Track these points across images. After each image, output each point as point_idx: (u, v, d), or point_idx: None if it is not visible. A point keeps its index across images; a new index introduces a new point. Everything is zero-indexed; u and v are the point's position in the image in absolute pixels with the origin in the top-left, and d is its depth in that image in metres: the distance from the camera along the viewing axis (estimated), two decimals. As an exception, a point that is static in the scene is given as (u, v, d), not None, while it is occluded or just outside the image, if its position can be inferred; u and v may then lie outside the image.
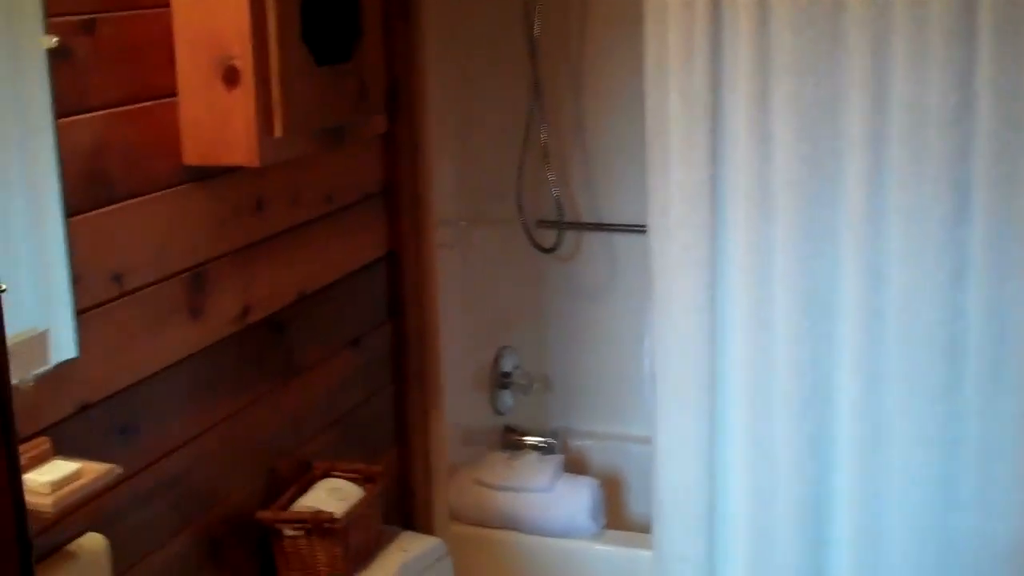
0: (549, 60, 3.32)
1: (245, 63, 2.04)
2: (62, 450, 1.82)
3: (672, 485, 2.74)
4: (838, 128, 2.47)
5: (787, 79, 2.47)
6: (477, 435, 3.36)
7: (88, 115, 1.89)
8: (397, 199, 2.88)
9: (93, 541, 1.90)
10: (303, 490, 2.46)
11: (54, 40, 1.76)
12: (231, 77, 2.05)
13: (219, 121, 2.08)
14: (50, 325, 1.80)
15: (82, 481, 1.73)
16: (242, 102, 2.06)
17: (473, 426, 3.34)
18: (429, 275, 2.98)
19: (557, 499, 3.04)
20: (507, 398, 3.46)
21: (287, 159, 2.22)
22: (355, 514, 2.39)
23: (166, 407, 2.11)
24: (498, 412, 3.45)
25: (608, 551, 3.00)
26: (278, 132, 2.10)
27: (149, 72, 2.03)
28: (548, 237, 3.40)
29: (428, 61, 2.86)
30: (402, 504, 3.02)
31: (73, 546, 1.87)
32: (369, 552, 2.47)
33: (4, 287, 0.83)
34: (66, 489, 1.70)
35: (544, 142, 3.32)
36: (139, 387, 2.04)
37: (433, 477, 3.07)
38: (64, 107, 1.81)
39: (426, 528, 3.03)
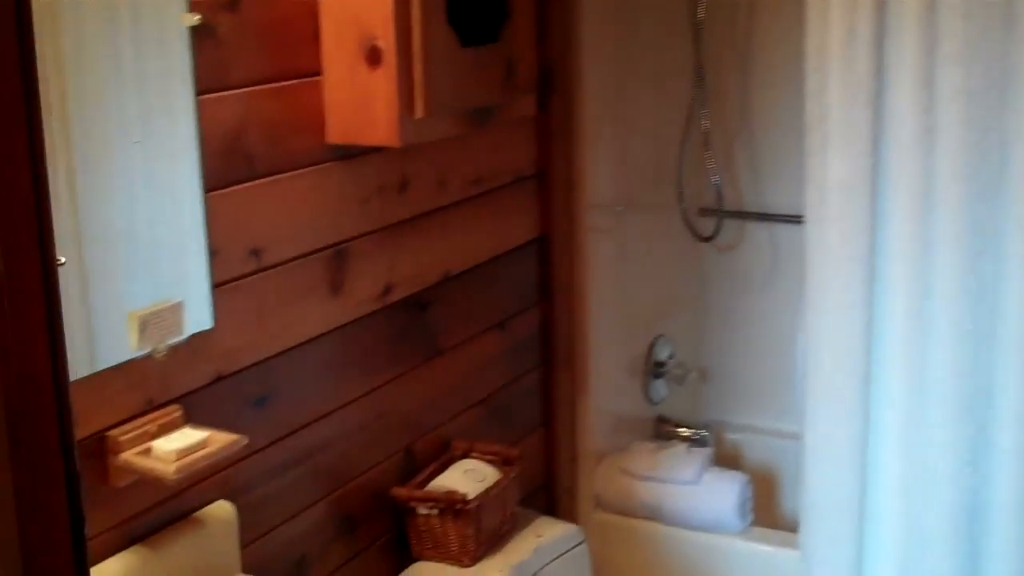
0: (713, 43, 3.24)
1: (388, 43, 2.05)
2: (196, 419, 1.87)
3: (820, 487, 2.65)
4: (1008, 119, 2.33)
5: (955, 66, 2.34)
6: (628, 424, 3.31)
7: (230, 92, 1.92)
8: (550, 182, 2.86)
9: (222, 509, 1.95)
10: (441, 469, 2.47)
11: (197, 18, 1.80)
12: (374, 57, 2.06)
13: (361, 101, 2.09)
14: (186, 297, 1.84)
15: (207, 450, 1.77)
16: (384, 82, 2.07)
17: (624, 414, 3.30)
18: (581, 259, 2.96)
19: (703, 492, 2.97)
20: (661, 388, 3.40)
21: (429, 140, 2.23)
22: (488, 496, 2.38)
23: (303, 381, 2.15)
24: (651, 401, 3.40)
25: (754, 548, 2.92)
26: (419, 113, 2.10)
27: (293, 51, 2.06)
28: (707, 225, 3.33)
29: (585, 43, 2.83)
30: (546, 489, 3.01)
31: (201, 513, 1.92)
32: (503, 535, 2.47)
33: (63, 260, 0.84)
34: (190, 457, 1.74)
35: (706, 128, 3.24)
36: (276, 360, 2.07)
37: (578, 463, 3.05)
38: (205, 84, 1.85)
39: (569, 514, 3.01)
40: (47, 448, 0.81)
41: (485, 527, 2.39)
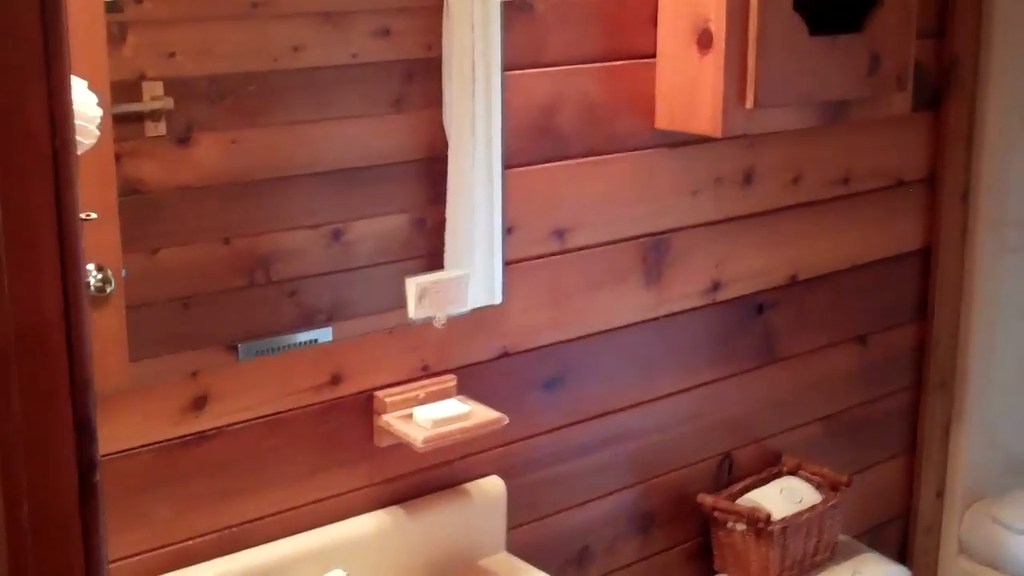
0: None
1: (719, 27, 1.94)
2: (474, 393, 1.87)
3: None
4: None
5: None
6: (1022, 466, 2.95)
7: (543, 70, 1.90)
8: (941, 189, 2.60)
9: (492, 485, 1.94)
10: (761, 482, 2.33)
11: (512, -7, 1.79)
12: (704, 41, 1.96)
13: (689, 86, 1.99)
14: (473, 270, 1.84)
15: (464, 424, 1.77)
16: (712, 68, 1.95)
17: (1017, 456, 2.94)
18: (973, 278, 2.67)
19: (1082, 558, 2.60)
20: (1067, 432, 3.01)
21: (762, 132, 2.09)
22: (798, 520, 2.22)
23: (605, 369, 2.09)
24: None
25: None
26: (750, 103, 1.97)
27: (625, 31, 1.99)
28: None
29: (998, 36, 2.53)
30: (902, 524, 2.76)
31: (469, 486, 1.92)
32: (814, 564, 2.29)
33: (93, 215, 0.86)
34: (444, 428, 1.75)
35: None
36: (573, 345, 2.03)
37: (945, 501, 2.77)
38: (515, 60, 1.84)
39: (924, 554, 2.75)
40: (52, 387, 0.83)
41: (791, 552, 2.22)
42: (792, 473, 2.37)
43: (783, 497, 2.27)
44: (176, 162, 1.54)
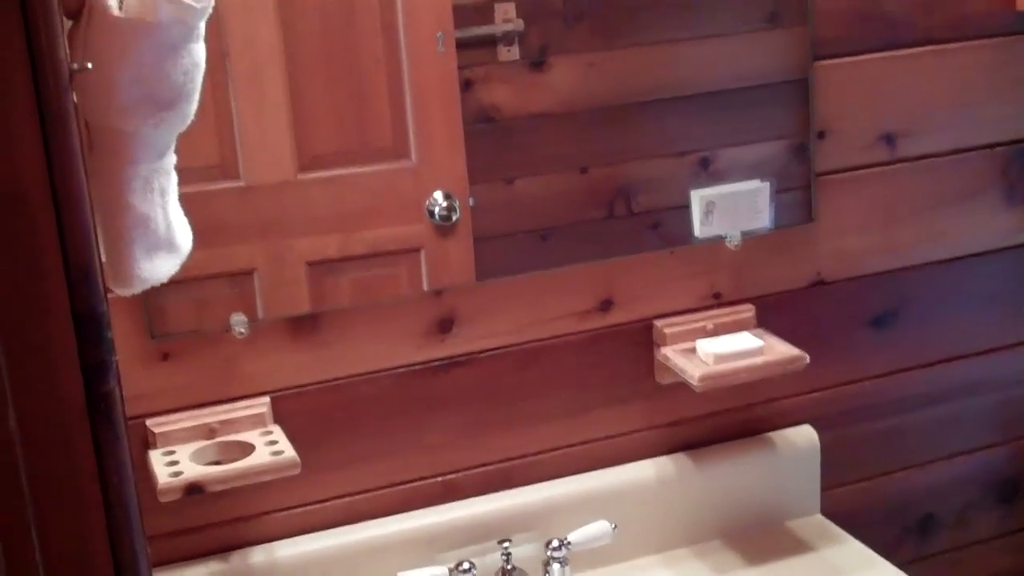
0: None
1: None
2: (779, 327, 1.60)
3: None
4: None
5: None
6: None
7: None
8: None
9: (803, 435, 1.66)
10: None
11: None
12: None
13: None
14: (777, 182, 1.57)
15: (752, 361, 1.51)
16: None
17: None
18: None
19: None
20: None
21: None
22: None
23: (953, 305, 1.75)
24: None
25: None
26: None
27: None
28: None
29: None
30: None
31: (776, 435, 1.65)
32: None
33: (88, 65, 0.70)
34: (728, 365, 1.49)
35: None
36: (907, 273, 1.71)
37: None
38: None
39: None
40: (37, 270, 0.68)
41: None
42: None
43: None
44: (530, 87, 1.43)
